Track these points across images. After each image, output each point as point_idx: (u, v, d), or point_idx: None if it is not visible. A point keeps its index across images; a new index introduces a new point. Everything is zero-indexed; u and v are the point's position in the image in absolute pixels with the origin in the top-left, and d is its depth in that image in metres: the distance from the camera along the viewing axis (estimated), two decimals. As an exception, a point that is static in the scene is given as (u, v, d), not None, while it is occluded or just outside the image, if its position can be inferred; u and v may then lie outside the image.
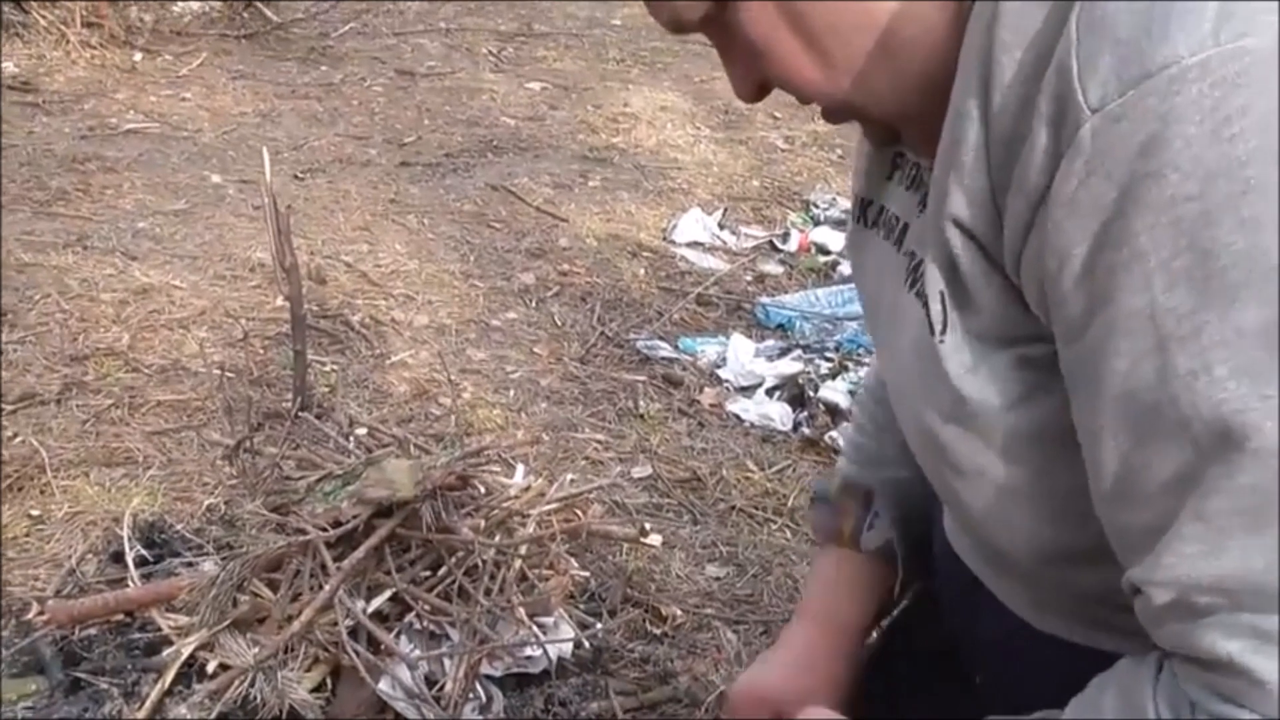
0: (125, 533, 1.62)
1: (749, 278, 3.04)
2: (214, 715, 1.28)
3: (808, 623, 0.85)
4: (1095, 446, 0.50)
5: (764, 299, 2.84)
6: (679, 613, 1.53)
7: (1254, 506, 0.43)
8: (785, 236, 3.23)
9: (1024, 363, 0.57)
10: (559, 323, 2.64)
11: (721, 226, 3.28)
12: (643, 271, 2.99)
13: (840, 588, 0.85)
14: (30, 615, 1.49)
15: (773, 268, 3.11)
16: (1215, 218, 0.42)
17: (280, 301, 2.43)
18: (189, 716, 1.32)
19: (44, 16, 3.81)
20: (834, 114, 0.64)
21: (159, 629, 1.42)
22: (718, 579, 1.65)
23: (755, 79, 0.64)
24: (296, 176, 3.24)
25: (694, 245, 3.16)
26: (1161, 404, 0.46)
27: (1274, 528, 0.43)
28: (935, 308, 0.61)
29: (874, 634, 0.87)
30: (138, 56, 3.98)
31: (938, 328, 0.61)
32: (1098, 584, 0.58)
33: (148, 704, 1.32)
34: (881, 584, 0.84)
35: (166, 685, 1.33)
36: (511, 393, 2.33)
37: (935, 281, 0.60)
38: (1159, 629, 0.49)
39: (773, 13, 0.59)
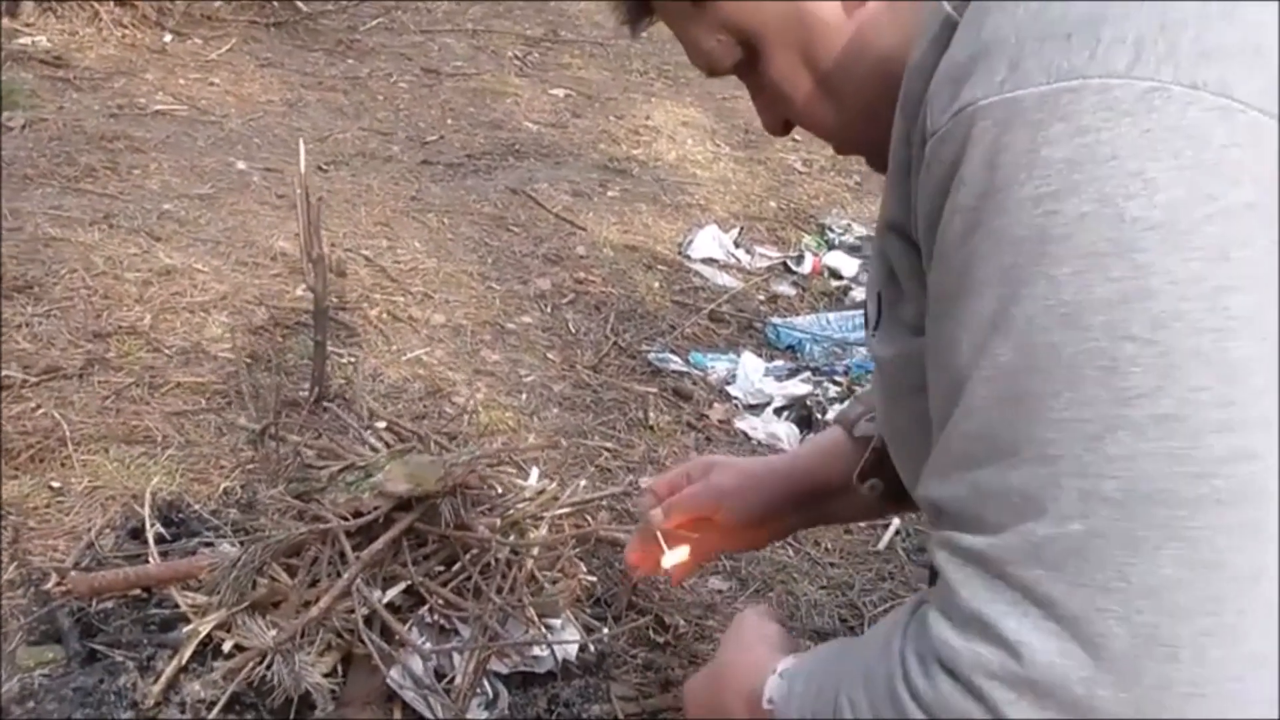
0: (146, 510, 1.65)
1: (761, 297, 3.08)
2: (227, 693, 1.31)
3: (780, 457, 1.06)
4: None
5: (775, 319, 2.88)
6: (682, 623, 1.56)
7: (964, 448, 0.54)
8: (799, 259, 3.27)
9: None
10: (573, 330, 2.68)
11: (737, 245, 3.32)
12: (657, 284, 3.03)
13: (820, 450, 1.02)
14: (50, 585, 1.52)
15: (785, 289, 3.15)
16: (978, 223, 0.53)
17: (300, 291, 2.46)
18: (202, 693, 1.35)
19: (77, -7, 3.85)
20: (843, 149, 0.77)
21: (176, 606, 1.45)
22: (720, 592, 1.69)
23: (781, 117, 0.76)
24: (320, 168, 3.27)
25: (709, 261, 3.20)
26: (934, 358, 0.58)
27: (973, 467, 0.53)
28: (871, 308, 0.72)
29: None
30: (168, 38, 4.02)
31: (872, 323, 0.72)
32: None
33: (163, 679, 1.35)
34: (853, 465, 0.98)
35: (183, 661, 1.36)
36: (524, 396, 2.37)
37: (875, 283, 0.72)
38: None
39: (794, 59, 0.69)
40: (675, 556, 1.04)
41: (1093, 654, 0.48)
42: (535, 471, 1.73)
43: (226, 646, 1.37)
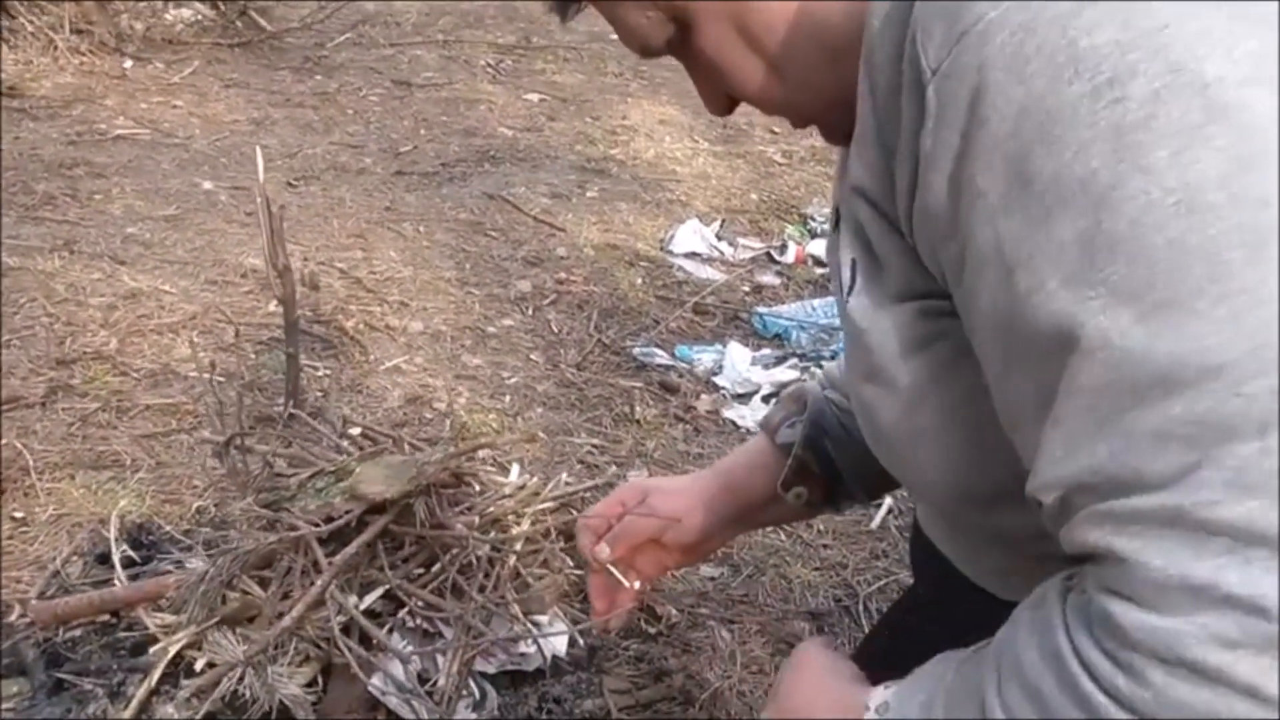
0: (111, 533, 1.59)
1: (746, 288, 3.03)
2: (201, 714, 1.25)
3: (711, 472, 1.01)
4: (991, 381, 0.55)
5: (761, 309, 2.83)
6: (674, 612, 1.50)
7: (1093, 404, 0.46)
8: (783, 248, 3.23)
9: (923, 313, 0.62)
10: (556, 330, 2.63)
11: (719, 238, 3.27)
12: (640, 281, 2.98)
13: (747, 462, 1.00)
14: (13, 618, 1.46)
15: (770, 279, 3.10)
16: (1028, 149, 0.47)
17: (273, 307, 2.41)
18: (176, 715, 1.28)
19: (31, 22, 3.79)
20: (799, 122, 0.71)
21: (146, 628, 1.39)
22: (713, 579, 1.63)
23: (722, 94, 0.71)
24: (290, 184, 3.22)
25: (691, 256, 3.15)
26: (1015, 326, 0.49)
27: (1113, 420, 0.45)
28: (846, 273, 0.68)
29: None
30: (128, 64, 3.97)
31: (846, 289, 0.68)
32: (1023, 524, 0.58)
33: (133, 704, 1.29)
34: (777, 473, 0.97)
35: (153, 684, 1.30)
36: (507, 398, 2.31)
37: (848, 249, 0.67)
38: (1058, 534, 0.50)
39: (728, 31, 0.65)
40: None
41: None
42: (516, 468, 1.67)
43: (199, 665, 1.31)
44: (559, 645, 1.42)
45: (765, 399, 2.36)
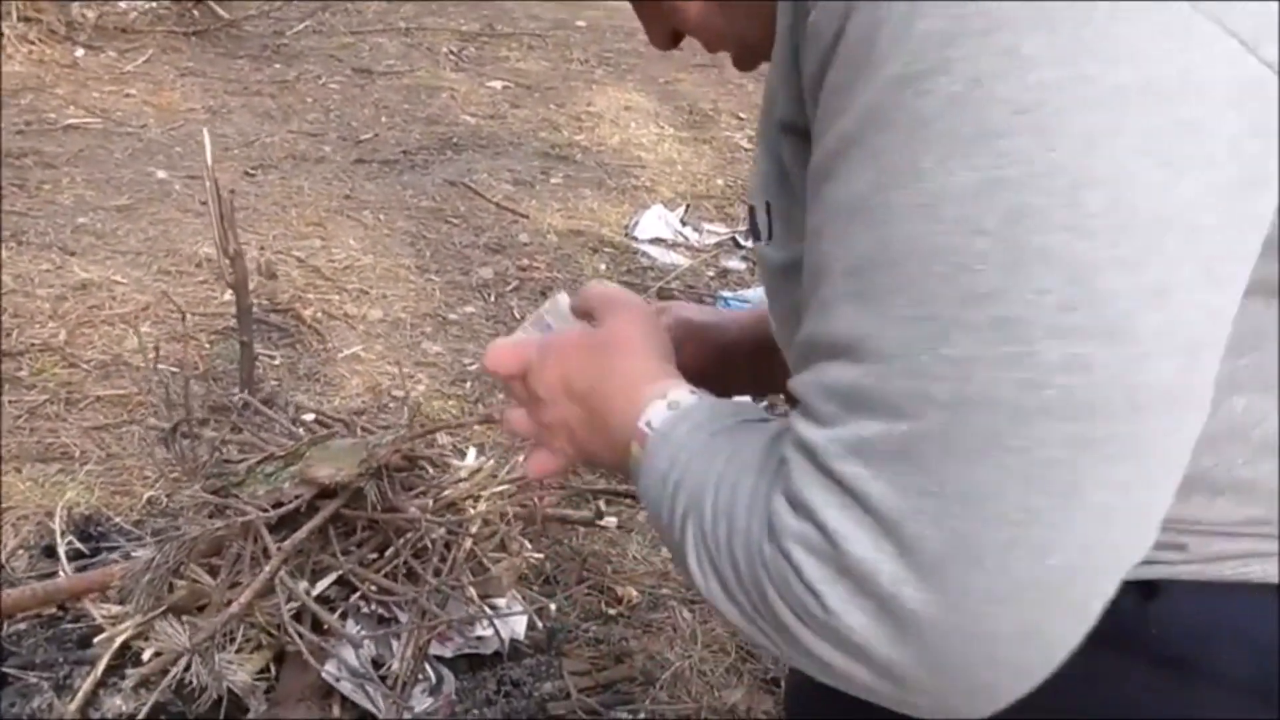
0: (58, 525, 1.55)
1: (711, 273, 3.02)
2: (149, 704, 1.22)
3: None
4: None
5: (725, 293, 2.82)
6: (634, 593, 1.48)
7: (820, 342, 0.52)
8: (748, 233, 3.22)
9: None
10: (519, 316, 2.60)
11: (684, 223, 3.26)
12: (604, 267, 2.96)
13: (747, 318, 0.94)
14: (-45, 610, 1.42)
15: (735, 264, 3.09)
16: (852, 100, 0.49)
17: (228, 296, 2.36)
18: (123, 706, 1.25)
19: (-24, 11, 3.72)
20: (742, 60, 0.70)
21: (92, 620, 1.35)
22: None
23: (666, 27, 0.70)
24: (248, 173, 3.17)
25: (656, 241, 3.14)
26: (807, 248, 0.54)
27: (811, 360, 0.53)
28: (761, 217, 0.67)
29: None
30: (80, 52, 3.89)
31: (764, 234, 0.67)
32: None
33: (79, 696, 1.26)
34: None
35: (99, 676, 1.27)
36: (468, 385, 2.28)
37: (762, 191, 0.67)
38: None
39: None
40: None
41: (904, 553, 0.48)
42: (473, 452, 1.65)
43: (147, 655, 1.28)
44: (518, 628, 1.40)
45: (729, 381, 2.36)
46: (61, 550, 1.48)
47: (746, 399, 0.66)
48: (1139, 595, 0.61)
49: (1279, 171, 0.48)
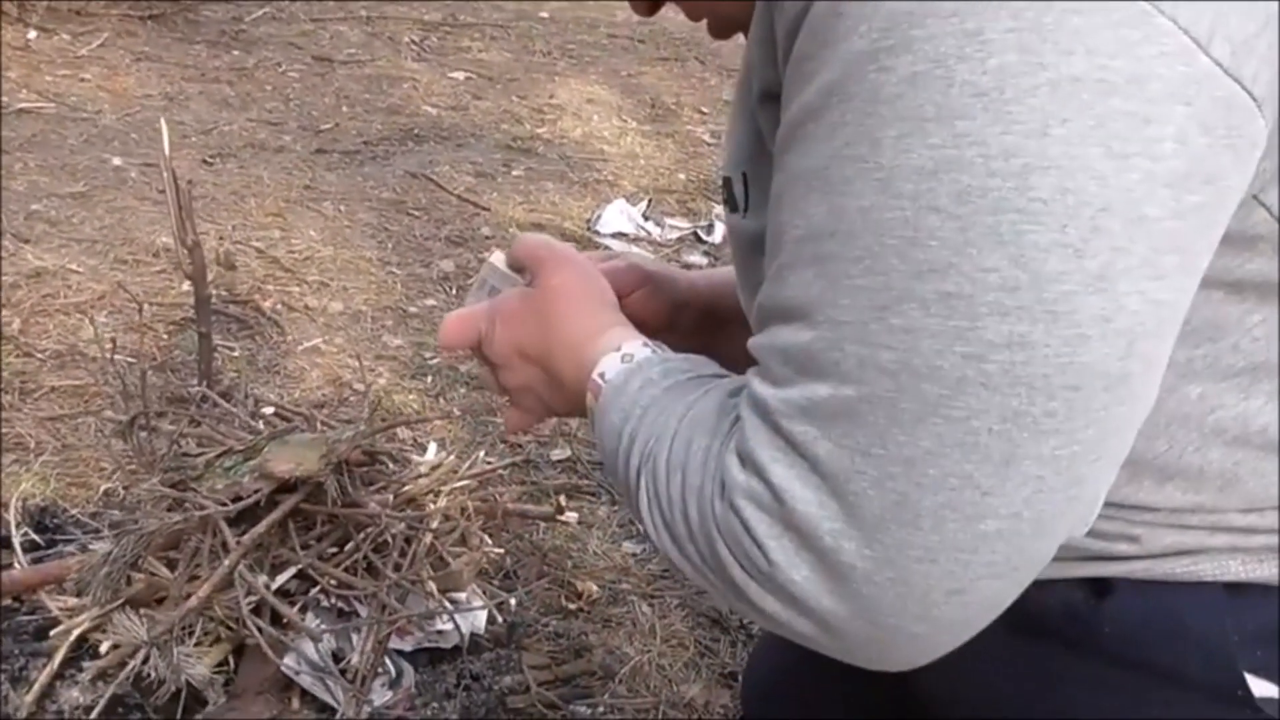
0: (12, 517, 1.54)
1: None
2: (106, 696, 1.22)
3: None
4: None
5: (686, 287, 2.84)
6: (594, 588, 1.50)
7: (763, 303, 0.56)
8: (710, 228, 3.24)
9: None
10: (479, 309, 2.60)
11: (646, 218, 3.27)
12: (565, 260, 2.96)
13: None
14: (-94, 603, 1.41)
15: (697, 258, 3.11)
16: (817, 70, 0.51)
17: (185, 286, 2.34)
18: (80, 699, 1.25)
19: (-78, -9, 3.63)
20: (719, 28, 0.69)
21: (48, 612, 1.35)
22: (634, 555, 1.63)
23: None
24: (205, 161, 3.14)
25: (618, 236, 3.15)
26: (773, 202, 0.56)
27: (769, 325, 0.55)
28: (738, 189, 0.68)
29: None
30: (32, 34, 3.81)
31: (741, 205, 0.68)
32: None
33: (35, 688, 1.25)
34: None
35: (55, 668, 1.27)
36: (429, 379, 2.28)
37: (738, 163, 0.68)
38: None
39: None
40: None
41: (846, 510, 0.50)
42: (433, 447, 1.66)
43: (104, 647, 1.28)
44: (478, 622, 1.41)
45: (689, 377, 2.38)
46: (16, 542, 1.47)
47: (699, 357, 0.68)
48: (1093, 594, 0.63)
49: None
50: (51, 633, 1.26)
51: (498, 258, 0.78)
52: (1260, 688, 0.61)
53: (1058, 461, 0.49)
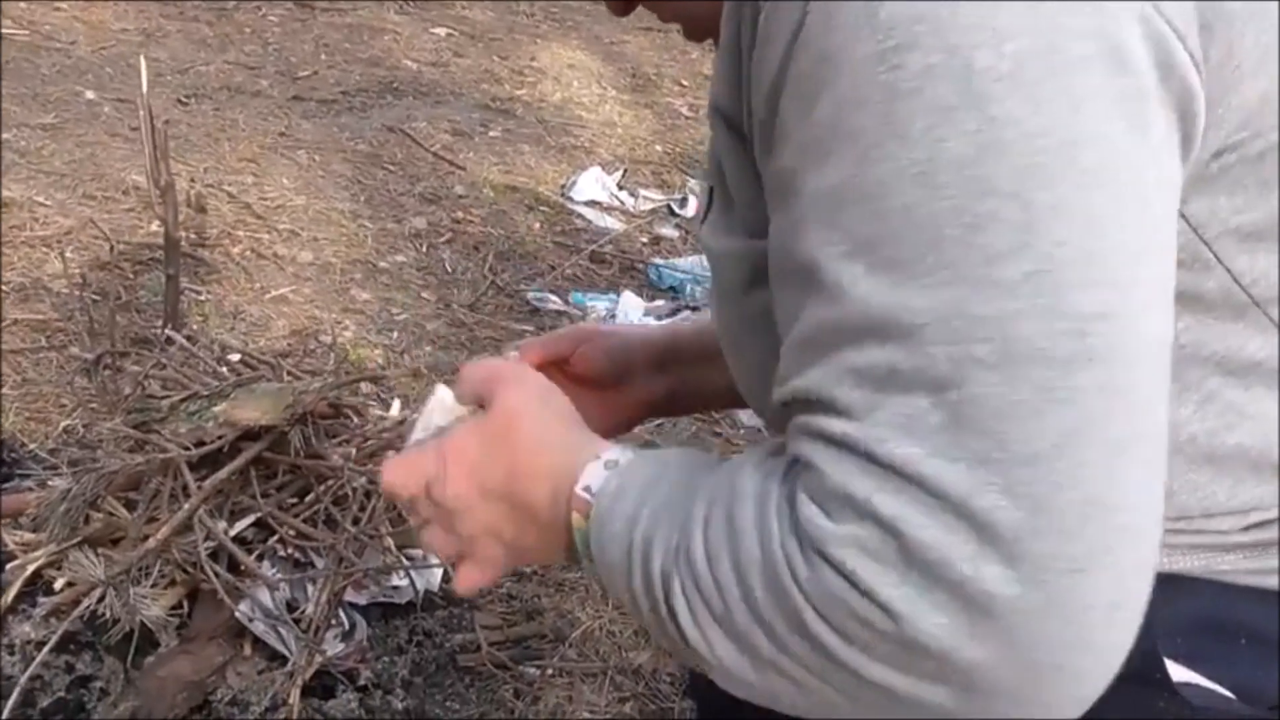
0: (-30, 448, 1.54)
1: (644, 239, 3.05)
2: (59, 633, 1.23)
3: (664, 325, 0.93)
4: (772, 294, 0.57)
5: (657, 260, 2.86)
6: (550, 551, 1.53)
7: (817, 335, 0.51)
8: (683, 202, 3.25)
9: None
10: (449, 269, 2.61)
11: (621, 187, 3.28)
12: (538, 225, 2.97)
13: (698, 323, 0.91)
14: None
15: (669, 231, 3.13)
16: (818, 93, 0.50)
17: (154, 226, 2.32)
18: (32, 634, 1.26)
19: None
20: (692, 32, 0.69)
21: (5, 546, 1.35)
22: (591, 522, 1.66)
23: None
24: (180, 100, 3.09)
25: (592, 204, 3.16)
26: (786, 248, 0.53)
27: (828, 352, 0.50)
28: (704, 197, 0.68)
29: None
30: (8, -40, 3.73)
31: (703, 213, 0.68)
32: None
33: (-14, 622, 1.26)
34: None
35: (8, 602, 1.27)
36: (395, 334, 2.29)
37: (708, 175, 0.67)
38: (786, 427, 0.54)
39: None
40: None
41: (978, 530, 0.45)
42: (398, 404, 1.67)
43: (59, 584, 1.29)
44: (433, 579, 1.43)
45: (655, 350, 2.40)
46: (-27, 475, 1.46)
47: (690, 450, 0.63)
48: None
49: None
50: (7, 567, 1.27)
51: (444, 393, 0.67)
52: (1179, 673, 0.62)
53: (1156, 440, 0.47)
